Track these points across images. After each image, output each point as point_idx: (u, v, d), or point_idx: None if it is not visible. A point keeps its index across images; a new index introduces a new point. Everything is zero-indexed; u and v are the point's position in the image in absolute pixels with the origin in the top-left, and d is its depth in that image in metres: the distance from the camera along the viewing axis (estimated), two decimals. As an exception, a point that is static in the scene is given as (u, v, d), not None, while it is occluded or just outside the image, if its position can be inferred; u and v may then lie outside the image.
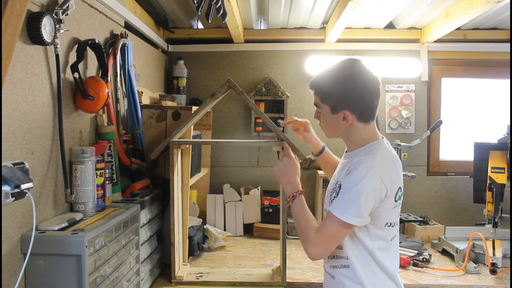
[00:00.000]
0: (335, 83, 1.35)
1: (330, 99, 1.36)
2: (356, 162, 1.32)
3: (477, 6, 2.15)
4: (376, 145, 1.37)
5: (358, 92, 1.34)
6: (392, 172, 1.33)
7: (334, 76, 1.36)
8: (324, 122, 1.42)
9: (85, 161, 1.48)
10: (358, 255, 1.35)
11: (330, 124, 1.40)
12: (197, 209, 2.68)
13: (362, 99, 1.34)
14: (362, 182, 1.26)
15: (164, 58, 2.96)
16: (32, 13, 1.28)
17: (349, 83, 1.34)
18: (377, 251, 1.33)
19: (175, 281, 1.95)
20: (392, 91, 3.04)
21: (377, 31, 2.99)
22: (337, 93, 1.35)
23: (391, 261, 1.37)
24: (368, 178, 1.26)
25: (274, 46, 3.05)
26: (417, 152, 3.00)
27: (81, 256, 1.24)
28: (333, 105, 1.36)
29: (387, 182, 1.29)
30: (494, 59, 3.05)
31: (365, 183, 1.26)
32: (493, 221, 2.28)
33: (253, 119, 2.96)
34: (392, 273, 1.37)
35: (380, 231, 1.34)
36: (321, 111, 1.40)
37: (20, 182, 1.12)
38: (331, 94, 1.36)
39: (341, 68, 1.37)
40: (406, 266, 2.16)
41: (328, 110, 1.37)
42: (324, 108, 1.39)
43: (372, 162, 1.30)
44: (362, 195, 1.25)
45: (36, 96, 1.32)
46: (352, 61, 1.37)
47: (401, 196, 1.39)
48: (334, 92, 1.35)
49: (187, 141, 2.04)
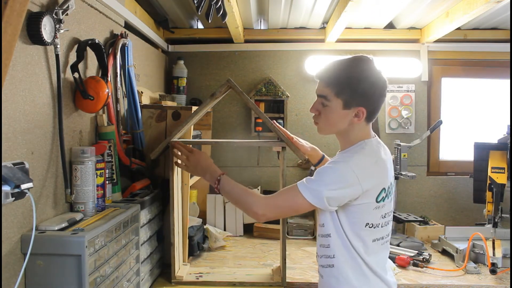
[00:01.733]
0: (355, 77, 1.31)
1: (346, 93, 1.30)
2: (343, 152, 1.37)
3: (477, 6, 2.15)
4: (362, 144, 1.35)
5: (376, 91, 1.32)
6: (373, 173, 1.31)
7: (353, 71, 1.32)
8: (329, 117, 1.35)
9: (85, 161, 1.48)
10: (345, 254, 1.33)
11: (335, 120, 1.35)
12: (197, 209, 2.68)
13: (378, 98, 1.33)
14: (337, 171, 1.28)
15: (164, 58, 2.96)
16: (32, 13, 1.28)
17: (368, 80, 1.31)
18: (362, 250, 1.32)
19: (175, 281, 1.95)
20: (392, 91, 3.04)
21: (377, 31, 2.99)
22: (355, 88, 1.30)
23: (376, 262, 1.35)
24: (341, 170, 1.28)
25: (274, 46, 3.05)
26: (417, 152, 3.00)
27: (81, 256, 1.24)
28: (348, 100, 1.31)
29: (364, 182, 1.27)
30: (494, 59, 3.05)
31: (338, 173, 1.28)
32: (493, 221, 2.28)
33: (253, 119, 2.96)
34: (380, 274, 1.35)
35: (361, 231, 1.32)
36: (330, 104, 1.33)
37: (20, 182, 1.12)
38: (349, 89, 1.30)
39: (358, 63, 1.33)
40: (406, 266, 2.16)
41: (340, 104, 1.32)
42: (335, 102, 1.32)
43: (350, 159, 1.30)
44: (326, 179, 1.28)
45: (36, 96, 1.32)
46: (367, 58, 1.34)
47: (385, 198, 1.34)
48: (352, 87, 1.30)
49: (187, 141, 2.04)
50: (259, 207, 1.37)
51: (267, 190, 2.90)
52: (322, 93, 1.35)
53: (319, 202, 1.28)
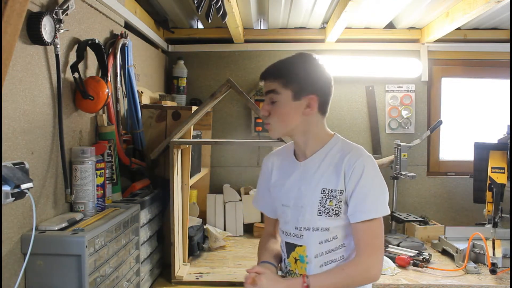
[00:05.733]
0: (301, 66, 1.26)
1: (294, 82, 1.24)
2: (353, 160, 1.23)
3: (477, 6, 2.15)
4: (340, 138, 1.32)
5: (325, 79, 1.28)
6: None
7: (298, 61, 1.28)
8: (280, 112, 1.25)
9: (85, 161, 1.48)
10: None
11: (287, 114, 1.25)
12: (197, 209, 2.68)
13: (328, 87, 1.28)
14: (379, 173, 1.25)
15: (164, 58, 2.96)
16: (32, 13, 1.28)
17: (314, 68, 1.27)
18: None
19: (175, 281, 1.95)
20: (392, 91, 3.04)
21: (377, 31, 2.99)
22: (303, 76, 1.25)
23: None
24: (377, 168, 1.25)
25: (274, 46, 3.05)
26: (417, 152, 3.00)
27: (81, 256, 1.24)
28: (297, 90, 1.24)
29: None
30: (494, 59, 3.04)
31: (379, 172, 1.25)
32: (493, 221, 2.28)
33: (253, 119, 2.96)
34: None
35: None
36: (279, 98, 1.24)
37: (20, 182, 1.12)
38: (296, 77, 1.24)
39: (303, 56, 1.29)
40: (406, 266, 2.16)
41: (289, 96, 1.24)
42: (284, 94, 1.24)
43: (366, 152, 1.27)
44: (384, 185, 1.25)
45: (36, 96, 1.32)
46: (311, 54, 1.30)
47: None
48: (300, 75, 1.24)
49: (187, 141, 2.04)
50: (372, 269, 1.22)
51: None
52: (270, 88, 1.26)
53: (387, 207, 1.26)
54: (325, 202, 1.24)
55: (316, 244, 1.26)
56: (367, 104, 3.03)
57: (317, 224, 1.25)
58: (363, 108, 3.04)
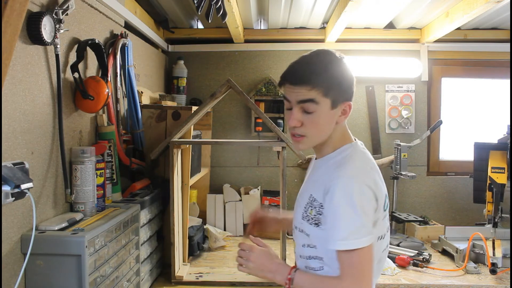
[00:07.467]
0: (336, 70, 1.13)
1: (333, 89, 1.11)
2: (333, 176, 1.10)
3: (477, 6, 2.15)
4: (351, 148, 1.18)
5: (353, 82, 1.17)
6: (377, 180, 1.15)
7: (333, 65, 1.13)
8: (318, 123, 1.13)
9: (85, 161, 1.48)
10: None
11: (325, 124, 1.14)
12: (197, 209, 2.68)
13: (354, 90, 1.18)
14: (354, 198, 1.06)
15: (164, 58, 2.96)
16: (32, 13, 1.28)
17: (347, 73, 1.15)
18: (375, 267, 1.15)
19: (175, 281, 1.95)
20: (392, 91, 3.04)
21: (377, 31, 2.99)
22: (341, 81, 1.13)
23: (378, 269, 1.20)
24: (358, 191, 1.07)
25: (274, 46, 3.05)
26: (417, 152, 3.00)
27: (81, 256, 1.24)
28: (336, 98, 1.12)
29: (377, 192, 1.12)
30: (494, 59, 3.05)
31: (358, 197, 1.06)
32: (493, 221, 2.28)
33: (253, 119, 2.96)
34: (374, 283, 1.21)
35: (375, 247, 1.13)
36: (317, 108, 1.11)
37: (20, 182, 1.12)
38: (334, 84, 1.12)
39: (333, 57, 1.15)
40: (406, 266, 2.16)
41: (328, 105, 1.11)
42: (323, 103, 1.11)
43: (355, 171, 1.11)
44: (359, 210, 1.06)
45: (36, 96, 1.32)
46: (336, 52, 1.17)
47: (388, 204, 1.20)
48: (338, 81, 1.13)
49: (187, 141, 2.04)
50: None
51: (267, 190, 2.90)
52: (307, 97, 1.11)
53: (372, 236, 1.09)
54: (308, 208, 1.17)
55: (300, 245, 1.21)
56: (367, 104, 3.03)
57: (301, 227, 1.19)
58: (363, 108, 3.04)
